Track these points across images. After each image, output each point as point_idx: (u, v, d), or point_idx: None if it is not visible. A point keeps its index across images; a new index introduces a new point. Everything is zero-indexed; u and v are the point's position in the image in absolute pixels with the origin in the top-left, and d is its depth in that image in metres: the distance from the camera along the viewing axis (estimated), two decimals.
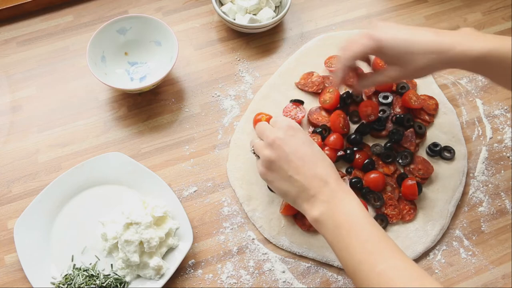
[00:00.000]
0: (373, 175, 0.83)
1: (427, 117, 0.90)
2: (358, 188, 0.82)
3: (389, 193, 0.83)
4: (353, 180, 0.82)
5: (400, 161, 0.85)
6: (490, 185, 0.87)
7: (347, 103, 0.90)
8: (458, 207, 0.85)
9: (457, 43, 0.67)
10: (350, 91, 0.90)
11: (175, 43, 0.90)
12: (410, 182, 0.81)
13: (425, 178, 0.85)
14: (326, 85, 0.93)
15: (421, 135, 0.89)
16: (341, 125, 0.87)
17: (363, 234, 0.62)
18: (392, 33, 0.70)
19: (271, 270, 0.80)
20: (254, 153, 0.75)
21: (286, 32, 1.02)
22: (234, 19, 0.98)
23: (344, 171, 0.86)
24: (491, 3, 1.06)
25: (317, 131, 0.86)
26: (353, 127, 0.89)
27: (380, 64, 0.87)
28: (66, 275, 0.77)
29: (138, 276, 0.77)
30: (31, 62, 0.97)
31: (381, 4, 1.06)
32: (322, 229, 0.65)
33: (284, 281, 0.79)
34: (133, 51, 0.95)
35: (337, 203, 0.64)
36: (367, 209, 0.80)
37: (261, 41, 1.00)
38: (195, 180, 0.87)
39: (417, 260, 0.80)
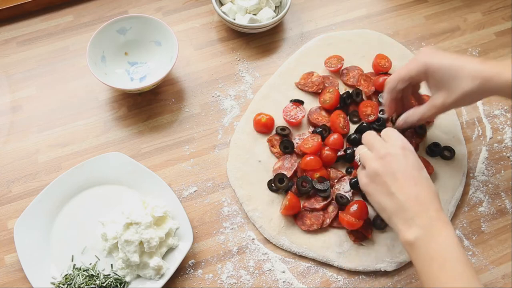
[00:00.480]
0: None
1: None
2: (358, 188, 0.82)
3: None
4: (353, 181, 0.82)
5: None
6: (490, 185, 0.87)
7: (347, 103, 0.90)
8: (458, 207, 0.85)
9: (502, 71, 0.68)
10: (350, 91, 0.90)
11: (175, 43, 0.90)
12: None
13: None
14: (326, 85, 0.93)
15: (422, 135, 0.89)
16: (341, 125, 0.87)
17: (454, 272, 0.61)
18: (438, 58, 0.72)
19: (271, 270, 0.80)
20: (359, 161, 0.74)
21: (286, 32, 1.02)
22: (234, 19, 0.98)
23: (344, 171, 0.86)
24: (491, 3, 1.06)
25: (317, 131, 0.86)
26: (353, 127, 0.89)
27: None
28: (66, 275, 0.77)
29: (138, 276, 0.77)
30: (31, 62, 0.97)
31: (381, 4, 1.06)
32: (413, 254, 0.64)
33: (284, 281, 0.79)
34: (133, 51, 0.95)
35: (435, 232, 0.63)
36: (367, 209, 0.80)
37: (261, 41, 1.00)
38: (195, 180, 0.87)
39: None
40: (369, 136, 0.74)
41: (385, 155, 0.69)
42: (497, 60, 0.72)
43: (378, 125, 0.88)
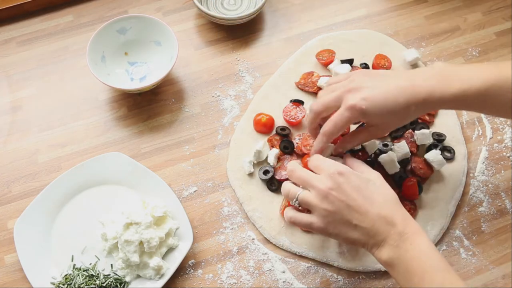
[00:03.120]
0: None
1: (427, 117, 0.90)
2: None
3: None
4: None
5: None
6: (490, 185, 0.87)
7: None
8: (458, 207, 0.85)
9: (432, 89, 0.66)
10: None
11: (175, 43, 0.90)
12: (410, 182, 0.82)
13: (425, 178, 0.85)
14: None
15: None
16: None
17: (435, 282, 0.60)
18: (371, 96, 0.68)
19: (271, 270, 0.80)
20: (299, 205, 0.71)
21: (286, 32, 1.02)
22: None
23: None
24: (491, 3, 1.06)
25: None
26: (353, 127, 0.89)
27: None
28: (66, 275, 0.77)
29: (138, 276, 0.77)
30: (31, 62, 0.97)
31: (381, 4, 1.06)
32: (394, 273, 0.64)
33: (284, 281, 0.79)
34: (133, 51, 0.95)
35: (407, 247, 0.62)
36: None
37: (261, 41, 1.01)
38: (195, 180, 0.87)
39: None
40: (298, 174, 0.71)
41: (327, 192, 0.66)
42: (427, 72, 0.70)
43: None
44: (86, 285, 0.75)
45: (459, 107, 0.70)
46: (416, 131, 0.86)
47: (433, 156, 0.84)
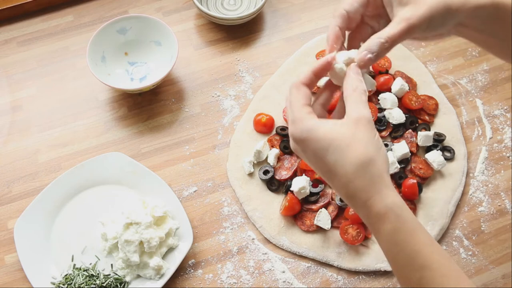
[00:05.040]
0: None
1: (427, 117, 0.90)
2: None
3: None
4: None
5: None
6: (490, 185, 0.87)
7: None
8: (458, 207, 0.85)
9: None
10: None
11: (175, 43, 0.90)
12: (410, 182, 0.82)
13: (425, 178, 0.85)
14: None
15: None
16: None
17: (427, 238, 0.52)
18: None
19: (271, 270, 0.80)
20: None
21: (286, 32, 1.02)
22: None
23: None
24: None
25: None
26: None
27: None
28: (66, 275, 0.77)
29: (138, 276, 0.77)
30: (31, 62, 0.97)
31: None
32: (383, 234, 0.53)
33: (284, 281, 0.79)
34: (133, 51, 0.96)
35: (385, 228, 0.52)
36: None
37: (261, 41, 1.01)
38: (195, 180, 0.87)
39: None
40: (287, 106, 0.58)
41: (295, 148, 0.57)
42: None
43: (379, 126, 0.88)
44: (86, 285, 0.75)
45: (489, 22, 0.58)
46: (419, 133, 0.86)
47: (434, 156, 0.84)
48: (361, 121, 0.53)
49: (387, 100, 0.88)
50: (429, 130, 0.89)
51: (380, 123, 0.88)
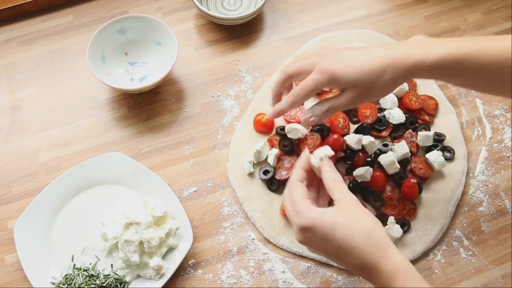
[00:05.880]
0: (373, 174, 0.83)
1: (427, 117, 0.90)
2: (357, 191, 0.82)
3: (389, 193, 0.83)
4: (351, 185, 0.82)
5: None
6: (490, 185, 0.87)
7: None
8: (458, 207, 0.85)
9: (409, 53, 0.62)
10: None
11: (175, 43, 0.90)
12: (410, 182, 0.82)
13: (425, 178, 0.85)
14: None
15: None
16: (340, 125, 0.87)
17: None
18: (345, 61, 0.64)
19: (271, 270, 0.80)
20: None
21: (286, 32, 1.02)
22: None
23: (344, 171, 0.86)
24: (491, 3, 1.06)
25: (315, 129, 0.87)
26: (353, 127, 0.89)
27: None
28: (66, 275, 0.77)
29: (138, 276, 0.77)
30: (31, 62, 0.97)
31: (381, 4, 1.06)
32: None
33: (284, 281, 0.79)
34: (133, 51, 0.96)
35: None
36: (365, 206, 0.80)
37: (261, 41, 1.01)
38: (195, 180, 0.87)
39: (417, 260, 0.80)
40: (286, 203, 0.67)
41: (301, 242, 0.64)
42: (405, 41, 0.67)
43: (379, 126, 0.88)
44: (86, 285, 0.75)
45: (436, 76, 0.65)
46: (419, 132, 0.86)
47: (435, 156, 0.84)
48: (352, 203, 0.63)
49: (387, 100, 0.88)
50: (429, 130, 0.89)
51: (380, 123, 0.88)
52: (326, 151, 0.69)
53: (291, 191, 0.65)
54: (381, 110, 0.89)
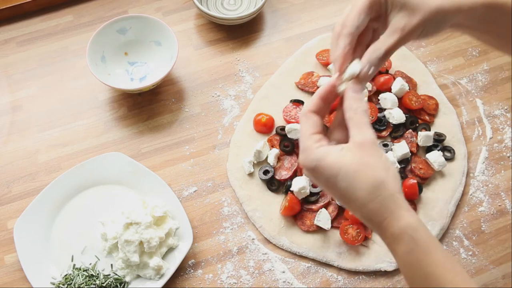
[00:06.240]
0: None
1: (427, 117, 0.90)
2: None
3: None
4: None
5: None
6: (490, 185, 0.87)
7: None
8: (458, 207, 0.85)
9: None
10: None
11: (175, 43, 0.90)
12: (410, 182, 0.82)
13: (425, 178, 0.85)
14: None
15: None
16: None
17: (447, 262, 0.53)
18: None
19: (271, 270, 0.80)
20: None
21: (286, 32, 1.02)
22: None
23: None
24: None
25: None
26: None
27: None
28: (66, 275, 0.77)
29: (138, 276, 0.77)
30: (31, 62, 0.97)
31: None
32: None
33: (284, 281, 0.79)
34: (133, 51, 0.95)
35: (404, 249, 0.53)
36: None
37: (261, 41, 1.00)
38: (195, 180, 0.87)
39: None
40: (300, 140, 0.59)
41: (308, 175, 0.59)
42: None
43: (379, 126, 0.88)
44: (86, 285, 0.75)
45: (486, 19, 0.59)
46: (420, 132, 0.86)
47: (435, 156, 0.84)
48: (365, 144, 0.53)
49: (387, 100, 0.88)
50: (429, 130, 0.89)
51: (380, 123, 0.88)
52: (356, 68, 0.56)
53: (301, 123, 0.58)
54: (381, 110, 0.89)
